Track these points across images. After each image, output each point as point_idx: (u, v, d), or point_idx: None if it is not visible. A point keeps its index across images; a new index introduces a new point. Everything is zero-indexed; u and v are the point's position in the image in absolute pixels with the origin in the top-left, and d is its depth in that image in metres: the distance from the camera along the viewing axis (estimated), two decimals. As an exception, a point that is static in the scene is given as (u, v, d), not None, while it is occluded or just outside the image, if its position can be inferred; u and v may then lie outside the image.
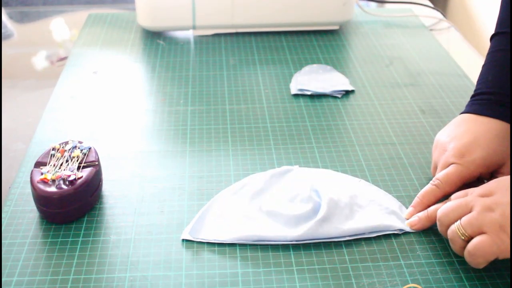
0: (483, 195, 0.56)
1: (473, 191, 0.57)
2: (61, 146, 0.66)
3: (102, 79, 0.92)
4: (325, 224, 0.60)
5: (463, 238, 0.54)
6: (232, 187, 0.67)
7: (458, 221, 0.55)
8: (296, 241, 0.60)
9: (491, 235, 0.53)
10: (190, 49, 1.02)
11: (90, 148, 0.66)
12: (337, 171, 0.71)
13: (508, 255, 0.53)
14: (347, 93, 0.88)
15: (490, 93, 0.67)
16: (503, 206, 0.53)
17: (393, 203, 0.65)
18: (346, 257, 0.59)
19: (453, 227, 0.55)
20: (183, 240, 0.60)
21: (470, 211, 0.55)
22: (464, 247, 0.55)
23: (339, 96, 0.87)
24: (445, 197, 0.63)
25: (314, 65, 0.96)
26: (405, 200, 0.66)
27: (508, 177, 0.57)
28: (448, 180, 0.62)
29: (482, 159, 0.62)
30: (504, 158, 0.63)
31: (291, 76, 0.93)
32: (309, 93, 0.87)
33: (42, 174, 0.62)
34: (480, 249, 0.53)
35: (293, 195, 0.64)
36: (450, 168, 0.63)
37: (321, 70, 0.94)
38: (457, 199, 0.58)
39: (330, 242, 0.60)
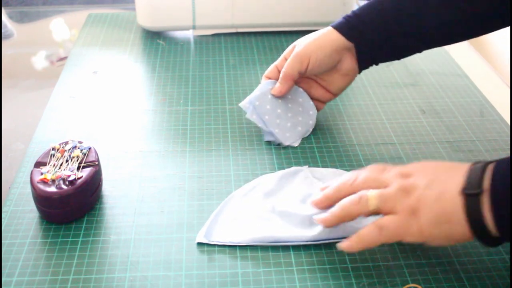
0: (402, 175, 0.55)
1: (392, 169, 0.57)
2: (61, 146, 0.66)
3: (102, 79, 0.92)
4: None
5: (371, 208, 0.54)
6: (242, 188, 0.67)
7: (372, 191, 0.55)
8: (313, 241, 0.59)
9: (401, 217, 0.52)
10: (190, 49, 1.02)
11: (90, 148, 0.66)
12: (337, 171, 0.71)
13: (413, 239, 0.53)
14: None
15: (352, 12, 0.74)
16: (419, 190, 0.53)
17: None
18: (346, 257, 0.59)
19: (364, 193, 0.55)
20: (198, 243, 0.60)
21: (385, 187, 0.55)
22: (361, 216, 0.55)
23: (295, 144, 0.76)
24: None
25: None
26: (405, 200, 0.66)
27: (428, 162, 0.57)
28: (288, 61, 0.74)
29: (302, 48, 0.73)
30: (321, 64, 0.73)
31: (291, 76, 0.93)
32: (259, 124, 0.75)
33: (42, 174, 0.62)
34: (390, 227, 0.53)
35: (304, 195, 0.64)
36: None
37: (301, 99, 0.78)
38: (374, 172, 0.57)
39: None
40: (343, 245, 0.55)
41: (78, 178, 0.62)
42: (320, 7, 1.06)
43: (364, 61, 0.74)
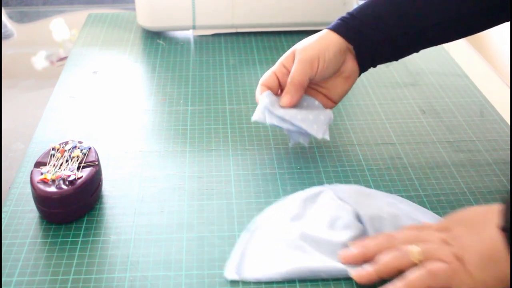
0: (440, 230, 0.55)
1: (430, 226, 0.57)
2: (61, 146, 0.66)
3: (102, 79, 0.92)
4: None
5: (417, 262, 0.53)
6: (264, 215, 0.63)
7: (414, 245, 0.53)
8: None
9: (450, 264, 0.52)
10: (190, 49, 1.03)
11: (90, 148, 0.66)
12: (337, 171, 0.71)
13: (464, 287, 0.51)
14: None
15: (349, 13, 0.72)
16: (459, 239, 0.53)
17: (435, 220, 0.62)
18: (346, 257, 0.59)
19: (406, 248, 0.53)
20: (229, 280, 0.56)
21: (425, 242, 0.54)
22: (405, 270, 0.53)
23: (306, 144, 0.74)
24: None
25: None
26: (405, 200, 0.66)
27: (462, 211, 0.57)
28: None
29: (310, 56, 0.69)
30: (328, 67, 0.70)
31: (291, 76, 0.93)
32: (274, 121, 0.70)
33: (42, 174, 0.62)
34: (442, 273, 0.51)
35: (332, 218, 0.60)
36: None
37: (305, 103, 0.73)
38: (411, 230, 0.57)
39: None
40: None
41: (78, 178, 0.62)
42: (320, 7, 1.06)
43: (364, 62, 0.72)
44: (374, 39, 0.70)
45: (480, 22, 0.70)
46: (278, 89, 0.72)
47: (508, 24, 0.70)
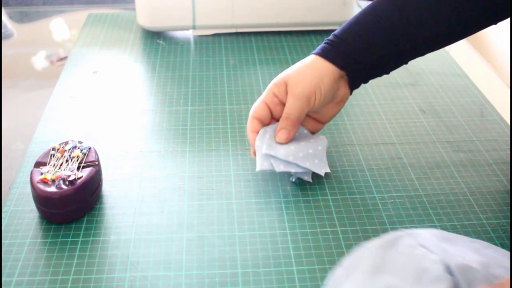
0: None
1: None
2: (61, 146, 0.66)
3: (102, 79, 0.92)
4: None
5: None
6: (341, 269, 0.55)
7: None
8: None
9: None
10: (190, 49, 1.03)
11: (90, 148, 0.66)
12: (337, 171, 0.71)
13: None
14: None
15: (336, 36, 0.69)
16: None
17: None
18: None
19: None
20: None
21: None
22: None
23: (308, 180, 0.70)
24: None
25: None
26: (405, 200, 0.66)
27: None
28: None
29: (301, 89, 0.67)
30: (324, 99, 0.68)
31: (291, 76, 0.93)
32: (280, 166, 0.67)
33: (42, 174, 0.62)
34: None
35: (417, 271, 0.52)
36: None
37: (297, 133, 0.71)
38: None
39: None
40: None
41: (78, 178, 0.62)
42: (320, 7, 1.06)
43: (356, 84, 0.71)
44: (366, 62, 0.68)
45: (477, 25, 0.68)
46: (270, 119, 0.70)
47: (508, 24, 0.70)
